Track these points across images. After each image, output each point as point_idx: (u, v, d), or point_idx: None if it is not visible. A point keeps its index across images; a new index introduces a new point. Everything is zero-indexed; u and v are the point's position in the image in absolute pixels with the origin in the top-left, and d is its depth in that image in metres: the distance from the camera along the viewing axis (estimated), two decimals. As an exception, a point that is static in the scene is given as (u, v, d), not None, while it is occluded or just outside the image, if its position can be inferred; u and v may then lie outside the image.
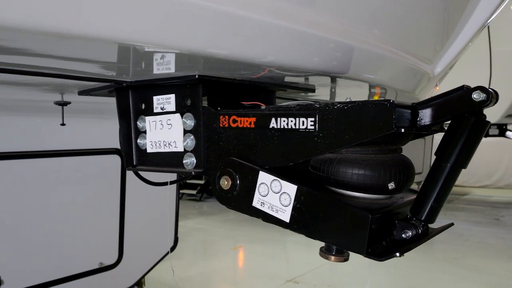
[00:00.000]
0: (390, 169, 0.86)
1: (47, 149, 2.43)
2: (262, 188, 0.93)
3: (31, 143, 2.36)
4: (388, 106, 0.77)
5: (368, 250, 0.80)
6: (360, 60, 1.09)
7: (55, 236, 2.45)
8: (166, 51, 0.88)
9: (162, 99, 1.14)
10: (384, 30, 1.09)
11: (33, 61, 0.91)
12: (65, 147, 2.50)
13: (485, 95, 0.77)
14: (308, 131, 0.87)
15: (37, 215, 2.37)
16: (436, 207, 0.85)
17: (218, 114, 1.03)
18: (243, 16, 0.78)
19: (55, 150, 2.46)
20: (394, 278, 4.51)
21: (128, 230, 2.77)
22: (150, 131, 1.17)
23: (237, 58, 0.90)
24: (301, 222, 0.87)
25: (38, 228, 2.37)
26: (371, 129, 0.79)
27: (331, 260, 0.95)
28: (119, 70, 1.03)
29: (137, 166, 1.22)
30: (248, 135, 0.97)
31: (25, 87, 1.25)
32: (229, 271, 4.88)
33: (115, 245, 2.74)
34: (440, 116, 0.82)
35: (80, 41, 0.71)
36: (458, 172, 0.84)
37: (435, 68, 1.44)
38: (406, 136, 0.93)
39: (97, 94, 1.27)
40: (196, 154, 1.07)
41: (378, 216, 0.83)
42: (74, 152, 2.53)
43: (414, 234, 0.86)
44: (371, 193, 0.88)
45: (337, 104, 0.84)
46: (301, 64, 0.96)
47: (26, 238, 2.34)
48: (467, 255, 5.26)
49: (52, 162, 2.45)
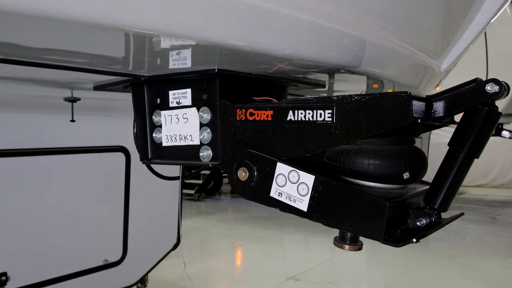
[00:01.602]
0: (405, 159, 0.89)
1: (53, 146, 2.44)
2: (280, 178, 0.96)
3: (37, 141, 2.37)
4: (405, 97, 0.80)
5: (386, 237, 0.82)
6: (371, 54, 1.12)
7: (60, 233, 2.47)
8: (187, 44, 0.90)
9: (178, 94, 1.16)
10: (395, 24, 1.12)
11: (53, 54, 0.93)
12: (70, 144, 2.51)
13: (498, 87, 0.80)
14: (325, 123, 0.90)
15: (42, 212, 2.39)
16: (449, 196, 0.88)
17: (235, 107, 1.05)
18: (264, 7, 0.81)
19: (60, 147, 2.47)
20: (392, 275, 4.55)
21: (133, 227, 2.79)
22: (166, 125, 1.20)
23: (257, 51, 0.93)
24: (319, 211, 0.90)
25: (43, 225, 2.39)
26: (389, 120, 0.82)
27: (345, 249, 0.98)
28: (136, 64, 1.05)
29: (152, 160, 1.24)
30: (265, 127, 1.00)
31: (39, 84, 1.27)
32: (229, 269, 4.90)
33: (119, 242, 2.75)
34: (454, 108, 0.86)
35: (101, 32, 0.72)
36: (471, 162, 0.87)
37: (441, 65, 1.47)
38: (420, 128, 0.96)
39: (113, 90, 1.29)
40: (213, 147, 1.09)
41: (394, 204, 0.86)
42: (79, 150, 2.55)
43: (428, 222, 0.89)
44: (387, 183, 0.91)
45: (355, 96, 0.87)
46: (317, 57, 0.99)
47: (32, 235, 2.35)
48: (464, 252, 5.32)
49: (57, 160, 2.47)
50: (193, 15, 0.74)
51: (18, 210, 2.31)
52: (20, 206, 2.32)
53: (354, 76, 1.31)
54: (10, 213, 2.28)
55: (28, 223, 2.34)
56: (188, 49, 0.93)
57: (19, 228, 2.31)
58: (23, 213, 2.32)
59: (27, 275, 2.32)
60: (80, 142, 2.56)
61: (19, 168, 2.31)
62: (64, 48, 0.88)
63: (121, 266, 2.76)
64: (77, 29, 0.69)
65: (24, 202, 2.33)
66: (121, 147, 2.67)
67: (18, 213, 2.31)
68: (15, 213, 2.30)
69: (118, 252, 2.75)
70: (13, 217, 2.29)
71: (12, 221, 2.28)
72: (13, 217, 2.29)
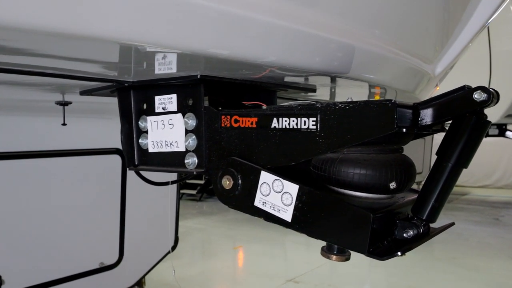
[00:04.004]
0: (392, 168, 0.87)
1: (48, 149, 2.43)
2: (264, 187, 0.93)
3: (32, 143, 2.36)
4: (389, 106, 0.77)
5: (370, 250, 0.80)
6: (361, 60, 1.09)
7: (55, 236, 2.46)
8: (168, 51, 0.88)
9: (164, 99, 1.14)
10: (384, 30, 1.09)
11: (34, 61, 0.91)
12: (66, 147, 2.50)
13: (486, 95, 0.78)
14: (309, 131, 0.88)
15: (37, 215, 2.37)
16: (437, 206, 0.86)
17: (219, 114, 1.03)
18: (244, 16, 0.79)
19: (56, 150, 2.46)
20: (393, 277, 4.52)
21: (129, 230, 2.77)
22: (152, 131, 1.18)
23: (238, 59, 0.91)
24: (303, 222, 0.88)
25: (39, 228, 2.38)
26: (373, 128, 0.80)
27: (332, 260, 0.96)
28: (120, 70, 1.03)
29: (139, 166, 1.22)
30: (250, 135, 0.98)
31: (27, 87, 1.25)
32: (229, 271, 4.89)
33: (115, 245, 2.74)
34: (441, 116, 0.83)
35: (82, 41, 0.71)
36: (459, 171, 0.85)
37: (435, 68, 1.44)
38: (407, 136, 0.93)
39: (99, 94, 1.27)
40: (198, 154, 1.07)
41: (379, 215, 0.83)
42: (75, 152, 2.53)
43: (415, 234, 0.87)
44: (373, 193, 0.89)
45: (339, 104, 0.84)
46: (303, 64, 0.97)
47: (27, 238, 2.34)
48: (466, 254, 5.27)
49: (53, 162, 2.45)
50: (160, 22, 0.72)
51: (13, 213, 2.30)
52: (15, 209, 2.31)
53: (356, 82, 1.30)
54: (5, 216, 2.27)
55: (23, 226, 2.33)
56: (170, 54, 0.91)
57: (14, 231, 2.30)
58: (18, 216, 2.31)
59: (21, 278, 2.31)
60: (76, 144, 2.55)
61: (15, 171, 2.30)
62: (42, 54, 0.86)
63: (118, 269, 2.75)
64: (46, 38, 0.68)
65: (19, 205, 2.32)
66: (117, 149, 2.65)
67: (13, 216, 2.30)
68: (10, 216, 2.28)
69: (114, 255, 2.74)
70: (8, 220, 2.28)
71: (6, 224, 2.27)
72: (7, 220, 2.28)
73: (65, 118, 2.13)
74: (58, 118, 2.01)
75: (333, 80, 1.26)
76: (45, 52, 0.84)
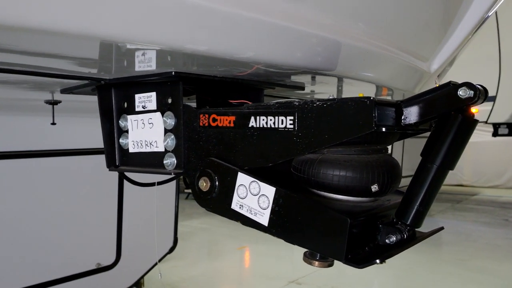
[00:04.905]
0: (373, 170, 0.82)
1: (45, 148, 2.41)
2: (241, 190, 0.89)
3: (27, 143, 2.34)
4: (367, 103, 0.73)
5: (348, 257, 0.75)
6: (347, 56, 1.04)
7: (51, 236, 2.44)
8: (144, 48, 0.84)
9: (144, 97, 1.10)
10: (372, 25, 1.04)
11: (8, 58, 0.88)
12: (62, 146, 2.48)
13: (472, 92, 0.73)
14: (287, 130, 0.83)
15: (33, 215, 2.35)
16: (422, 210, 0.80)
17: (198, 112, 0.99)
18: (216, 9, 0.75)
19: (52, 149, 2.44)
20: (399, 279, 4.45)
21: (127, 230, 2.75)
22: (132, 130, 1.14)
23: (214, 54, 0.87)
24: (280, 226, 0.83)
25: (35, 228, 2.36)
26: (351, 128, 0.75)
27: (315, 266, 0.91)
28: (95, 67, 0.99)
29: (120, 167, 1.18)
30: (228, 134, 0.93)
31: (8, 85, 1.22)
32: (232, 271, 4.85)
33: (113, 245, 2.71)
34: (426, 114, 0.78)
35: (54, 37, 0.68)
36: (444, 173, 0.80)
37: (431, 65, 1.38)
38: (391, 136, 0.88)
39: (80, 93, 1.24)
40: (177, 154, 1.03)
41: (360, 220, 0.78)
42: (72, 152, 2.51)
43: (399, 239, 0.82)
44: (354, 196, 0.84)
45: (317, 101, 0.79)
46: (282, 60, 0.92)
47: (23, 238, 2.32)
48: (474, 256, 5.17)
49: (49, 162, 2.43)
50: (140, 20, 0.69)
51: (8, 213, 2.28)
52: (11, 209, 2.29)
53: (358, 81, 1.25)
54: (0, 216, 2.25)
55: (18, 226, 2.31)
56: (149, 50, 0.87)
57: (9, 231, 2.28)
58: (13, 216, 2.29)
59: (16, 279, 2.29)
60: (73, 144, 2.52)
61: (11, 171, 2.29)
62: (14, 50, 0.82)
63: (115, 270, 2.72)
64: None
65: (15, 205, 2.30)
66: (114, 149, 2.62)
67: (8, 216, 2.28)
68: (5, 216, 2.27)
69: (111, 255, 2.71)
70: (3, 220, 2.26)
71: (2, 224, 2.25)
72: (3, 220, 2.26)
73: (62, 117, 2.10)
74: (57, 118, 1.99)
75: (340, 79, 1.22)
76: (18, 48, 0.81)
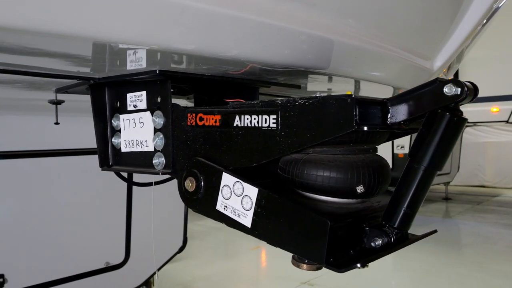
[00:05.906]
0: (359, 170, 0.79)
1: (54, 148, 2.44)
2: (225, 190, 0.87)
3: (38, 142, 2.37)
4: (348, 101, 0.70)
5: (330, 260, 0.73)
6: (341, 54, 1.01)
7: (60, 235, 2.46)
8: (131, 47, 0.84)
9: (135, 97, 1.09)
10: (367, 22, 1.01)
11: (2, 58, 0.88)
12: (72, 146, 2.50)
13: (459, 89, 0.69)
14: (270, 130, 0.81)
15: (42, 214, 2.38)
16: (410, 213, 0.77)
17: (186, 111, 0.97)
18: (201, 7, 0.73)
19: (61, 149, 2.46)
20: (415, 282, 4.36)
21: (135, 229, 2.76)
22: (124, 130, 1.13)
23: (200, 53, 0.85)
24: (262, 228, 0.81)
25: (43, 227, 2.39)
26: (332, 127, 0.72)
27: (303, 269, 0.88)
28: (84, 65, 0.99)
29: (113, 166, 1.18)
30: (214, 134, 0.92)
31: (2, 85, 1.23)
32: (245, 271, 4.83)
33: (122, 244, 2.73)
34: (413, 112, 0.75)
35: (41, 37, 0.68)
36: (433, 174, 0.76)
37: (434, 62, 1.34)
38: (378, 135, 0.85)
39: (75, 92, 1.24)
40: (166, 154, 1.02)
41: (343, 222, 0.76)
42: (81, 151, 2.53)
43: (385, 242, 0.79)
44: (339, 197, 0.81)
45: (299, 100, 0.77)
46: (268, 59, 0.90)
47: (31, 237, 2.35)
48: (494, 259, 5.03)
49: (58, 161, 2.46)
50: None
51: (17, 211, 2.31)
52: (20, 208, 2.32)
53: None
54: (9, 215, 2.29)
55: (27, 224, 2.34)
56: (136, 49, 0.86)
57: (18, 230, 2.31)
58: (22, 215, 2.32)
59: (25, 277, 2.32)
60: (82, 143, 2.54)
61: (21, 170, 2.32)
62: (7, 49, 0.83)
63: (124, 269, 2.73)
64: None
65: (25, 204, 2.33)
66: (122, 148, 2.64)
67: (18, 215, 2.31)
68: (14, 215, 2.30)
69: (121, 254, 2.73)
70: (12, 219, 2.29)
71: (11, 222, 2.29)
72: (12, 219, 2.29)
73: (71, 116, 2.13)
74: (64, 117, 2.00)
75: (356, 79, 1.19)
76: (9, 47, 0.81)
